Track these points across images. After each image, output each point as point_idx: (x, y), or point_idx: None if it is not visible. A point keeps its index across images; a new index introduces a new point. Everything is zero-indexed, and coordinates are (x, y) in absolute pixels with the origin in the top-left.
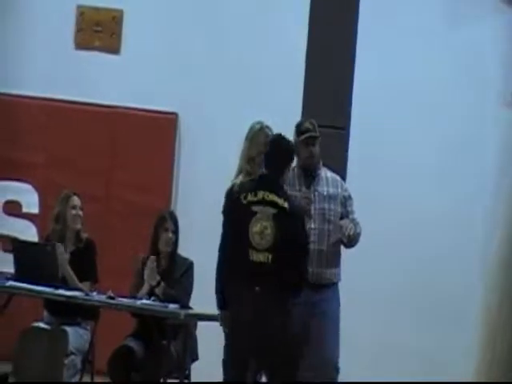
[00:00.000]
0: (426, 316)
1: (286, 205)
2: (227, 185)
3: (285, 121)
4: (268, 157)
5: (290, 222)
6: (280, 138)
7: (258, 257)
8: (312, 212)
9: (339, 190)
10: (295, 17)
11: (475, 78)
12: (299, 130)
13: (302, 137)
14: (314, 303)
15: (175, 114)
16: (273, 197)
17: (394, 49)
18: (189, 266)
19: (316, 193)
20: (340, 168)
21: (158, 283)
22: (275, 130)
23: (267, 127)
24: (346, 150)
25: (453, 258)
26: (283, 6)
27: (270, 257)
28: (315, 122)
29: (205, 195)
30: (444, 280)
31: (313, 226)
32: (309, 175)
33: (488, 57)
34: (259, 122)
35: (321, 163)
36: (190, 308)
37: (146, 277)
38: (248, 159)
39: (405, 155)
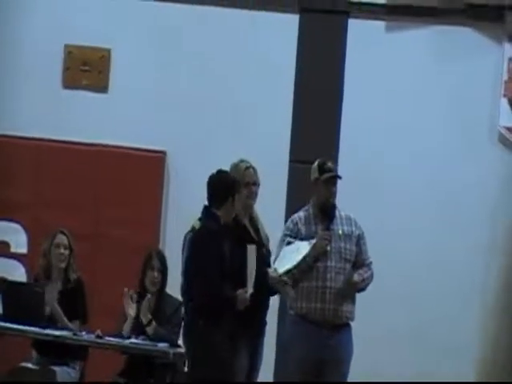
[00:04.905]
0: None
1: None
2: None
3: (273, 159)
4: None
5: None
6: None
7: None
8: (329, 251)
9: (353, 228)
10: (284, 54)
11: (464, 116)
12: (322, 168)
13: (326, 176)
14: (330, 346)
15: (163, 153)
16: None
17: (381, 86)
18: (178, 306)
19: (332, 232)
20: None
21: (149, 322)
22: (263, 168)
23: (251, 167)
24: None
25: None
26: (272, 44)
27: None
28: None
29: None
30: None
31: (329, 264)
32: (325, 214)
33: (476, 94)
34: (243, 161)
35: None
36: (178, 346)
37: (129, 310)
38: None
39: (393, 192)
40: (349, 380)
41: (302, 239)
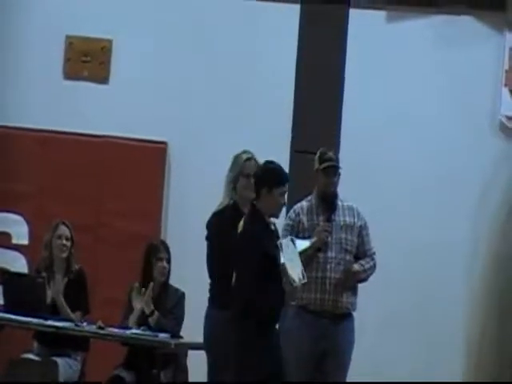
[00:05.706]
0: (414, 341)
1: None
2: None
3: (275, 148)
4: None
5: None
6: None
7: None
8: (329, 241)
9: (355, 219)
10: (285, 44)
11: (465, 105)
12: (322, 158)
13: (324, 165)
14: (330, 335)
15: (165, 143)
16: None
17: (382, 75)
18: (180, 297)
19: (334, 222)
20: None
21: (152, 312)
22: (265, 158)
23: (252, 159)
24: None
25: (441, 284)
26: (273, 33)
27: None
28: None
29: (195, 223)
30: (433, 305)
31: (329, 254)
32: (326, 204)
33: (477, 83)
34: (245, 152)
35: (338, 194)
36: (180, 337)
37: (136, 303)
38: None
39: (394, 180)
40: (350, 372)
41: (303, 236)
